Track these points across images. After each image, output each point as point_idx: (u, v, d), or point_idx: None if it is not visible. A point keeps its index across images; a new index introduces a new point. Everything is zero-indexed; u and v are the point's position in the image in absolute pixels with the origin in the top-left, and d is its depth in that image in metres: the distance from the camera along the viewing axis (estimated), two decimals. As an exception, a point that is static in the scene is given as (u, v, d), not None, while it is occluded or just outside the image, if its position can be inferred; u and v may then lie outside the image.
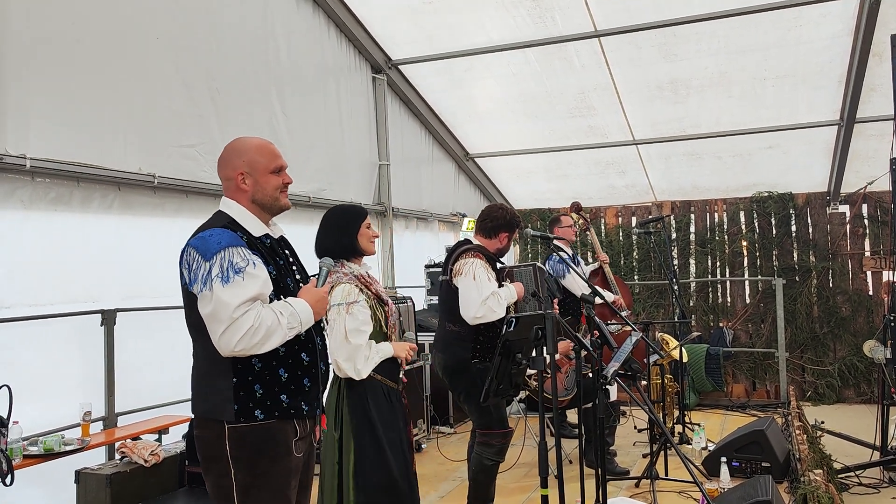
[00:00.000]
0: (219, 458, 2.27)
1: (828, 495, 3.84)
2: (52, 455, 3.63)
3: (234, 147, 2.44)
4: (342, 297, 3.05)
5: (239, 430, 2.25)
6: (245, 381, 2.26)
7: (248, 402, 2.26)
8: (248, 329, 2.16)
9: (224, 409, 2.25)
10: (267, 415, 2.28)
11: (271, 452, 2.29)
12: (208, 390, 2.31)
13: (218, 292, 2.17)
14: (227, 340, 2.17)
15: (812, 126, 7.00)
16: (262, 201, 2.40)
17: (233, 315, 2.16)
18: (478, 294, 3.88)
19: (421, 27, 6.31)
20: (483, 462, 4.01)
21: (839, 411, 7.27)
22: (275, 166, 2.42)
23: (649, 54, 6.29)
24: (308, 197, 5.75)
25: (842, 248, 7.95)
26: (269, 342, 2.22)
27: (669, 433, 5.85)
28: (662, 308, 8.47)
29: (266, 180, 2.40)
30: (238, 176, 2.38)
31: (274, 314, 2.23)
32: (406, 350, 3.23)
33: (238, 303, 2.17)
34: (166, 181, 4.46)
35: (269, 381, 2.29)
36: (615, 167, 8.19)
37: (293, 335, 2.29)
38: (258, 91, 5.31)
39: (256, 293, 2.23)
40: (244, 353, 2.21)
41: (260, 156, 2.41)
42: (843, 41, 5.91)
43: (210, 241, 2.24)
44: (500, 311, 3.91)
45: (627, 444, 6.00)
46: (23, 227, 3.80)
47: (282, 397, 2.31)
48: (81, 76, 3.96)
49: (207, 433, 2.29)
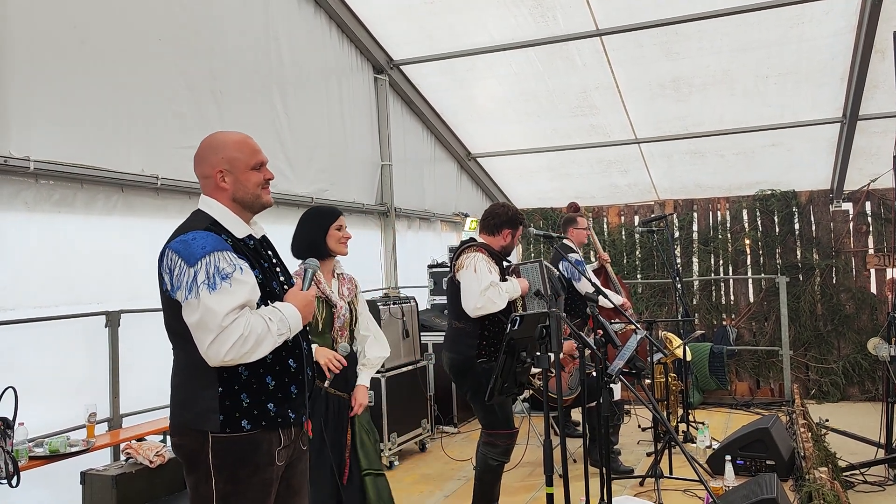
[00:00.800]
0: (200, 465, 2.18)
1: (833, 493, 3.83)
2: (58, 456, 3.63)
3: (211, 143, 2.32)
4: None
5: (222, 440, 2.16)
6: (231, 391, 2.16)
7: (235, 412, 2.16)
8: (238, 338, 2.06)
9: (208, 419, 2.15)
10: (253, 425, 2.18)
11: (254, 462, 2.20)
12: (192, 400, 2.20)
13: (205, 300, 2.05)
14: (217, 351, 2.06)
15: (815, 123, 6.99)
16: (244, 199, 2.28)
17: (221, 324, 2.05)
18: (477, 285, 3.89)
19: (422, 27, 6.31)
20: (488, 462, 4.02)
21: (843, 409, 7.26)
22: (255, 162, 2.29)
23: (651, 52, 6.28)
24: (311, 197, 5.76)
25: (845, 245, 7.94)
26: (260, 350, 2.12)
27: (674, 432, 5.85)
28: (666, 307, 8.47)
29: (247, 178, 2.27)
30: (217, 174, 2.26)
31: (263, 321, 2.13)
32: (328, 357, 3.21)
33: (226, 311, 2.06)
34: (169, 182, 4.46)
35: (257, 390, 2.20)
36: (617, 166, 8.18)
37: (282, 341, 2.20)
38: (260, 92, 5.32)
39: (245, 300, 2.12)
40: (234, 363, 2.11)
41: (239, 152, 2.28)
42: (845, 38, 5.90)
43: (193, 245, 2.12)
44: (500, 303, 3.92)
45: (632, 443, 6.00)
46: (27, 229, 3.80)
47: (269, 406, 2.22)
48: (84, 78, 3.97)
49: (188, 442, 2.20)
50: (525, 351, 3.48)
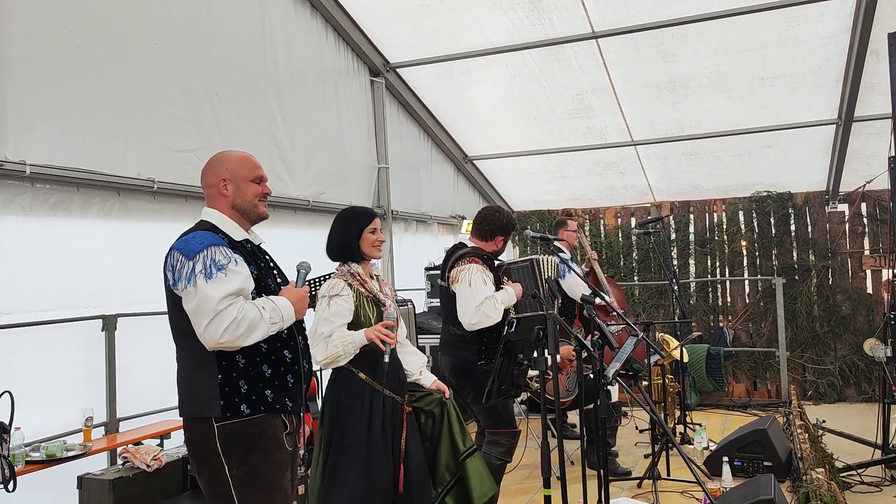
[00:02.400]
0: (210, 456, 2.32)
1: (830, 494, 3.84)
2: (55, 461, 3.62)
3: (218, 158, 2.57)
4: (327, 289, 3.16)
5: (227, 426, 2.32)
6: (230, 378, 2.33)
7: (234, 398, 2.32)
8: (232, 321, 2.23)
9: (210, 405, 2.32)
10: (253, 409, 2.34)
11: (262, 446, 2.35)
12: (194, 389, 2.37)
13: (202, 287, 2.25)
14: (212, 332, 2.23)
15: (810, 125, 7.00)
16: (242, 207, 2.51)
17: (216, 308, 2.23)
18: (472, 301, 3.89)
19: (419, 30, 6.32)
20: (492, 461, 4.01)
21: (840, 410, 7.27)
22: (255, 175, 2.54)
23: (647, 55, 6.29)
24: (307, 201, 5.76)
25: (841, 246, 7.96)
26: (253, 335, 2.29)
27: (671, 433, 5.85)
28: (663, 308, 8.48)
29: (246, 187, 2.51)
30: (220, 182, 2.49)
31: (257, 309, 2.31)
32: (376, 330, 3.05)
33: (221, 296, 2.24)
34: (165, 186, 4.45)
35: (254, 377, 2.36)
36: (614, 168, 8.20)
37: (275, 331, 2.36)
38: (257, 95, 5.32)
39: (239, 288, 2.30)
40: (229, 346, 2.27)
41: (241, 166, 2.53)
42: (840, 40, 5.92)
43: (193, 242, 2.34)
44: (495, 316, 3.91)
45: (629, 445, 6.00)
46: (23, 233, 3.80)
47: (266, 392, 2.38)
48: (80, 82, 3.96)
49: (197, 433, 2.35)
50: (522, 353, 3.48)
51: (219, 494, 2.32)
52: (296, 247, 5.39)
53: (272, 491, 2.36)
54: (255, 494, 2.32)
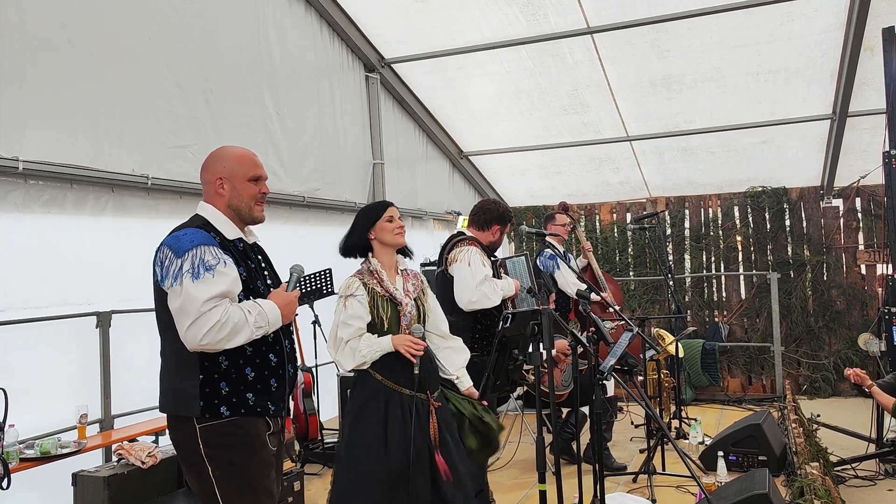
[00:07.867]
0: (195, 458, 2.30)
1: (824, 488, 3.85)
2: (49, 458, 3.62)
3: (217, 154, 2.52)
4: (342, 289, 3.11)
5: (210, 427, 2.29)
6: (211, 379, 2.29)
7: (214, 399, 2.29)
8: (216, 324, 2.19)
9: (190, 405, 2.28)
10: (232, 412, 2.30)
11: (246, 446, 2.32)
12: (175, 387, 2.34)
13: (187, 287, 2.21)
14: (194, 334, 2.19)
15: (805, 120, 7.02)
16: (238, 208, 2.46)
17: (200, 309, 2.19)
18: (472, 279, 3.90)
19: (413, 25, 6.30)
20: None
21: (835, 405, 7.30)
22: (253, 175, 2.48)
23: (642, 50, 6.29)
24: (303, 197, 5.75)
25: (836, 241, 7.98)
26: (236, 339, 2.25)
27: (666, 428, 5.86)
28: (658, 304, 8.49)
29: (243, 187, 2.46)
30: (217, 180, 2.44)
31: (242, 312, 2.27)
32: (405, 343, 3.00)
33: (206, 297, 2.20)
34: (160, 182, 4.44)
35: (236, 380, 2.33)
36: (609, 164, 8.20)
37: (261, 335, 2.32)
38: (252, 91, 5.30)
39: (225, 290, 2.26)
40: (210, 348, 2.23)
41: (239, 164, 2.47)
42: (834, 35, 5.93)
43: (183, 239, 2.29)
44: (494, 298, 3.93)
45: (625, 440, 6.01)
46: (16, 229, 3.78)
47: (248, 396, 2.34)
48: (74, 77, 3.95)
49: (181, 434, 2.33)
50: (517, 348, 3.48)
51: (206, 494, 2.31)
52: (290, 242, 5.38)
53: (258, 492, 2.33)
54: (240, 497, 2.30)
